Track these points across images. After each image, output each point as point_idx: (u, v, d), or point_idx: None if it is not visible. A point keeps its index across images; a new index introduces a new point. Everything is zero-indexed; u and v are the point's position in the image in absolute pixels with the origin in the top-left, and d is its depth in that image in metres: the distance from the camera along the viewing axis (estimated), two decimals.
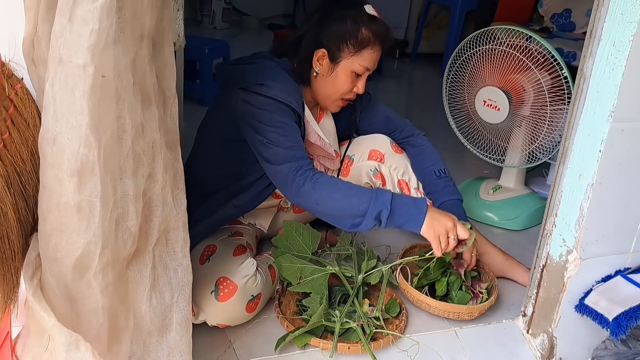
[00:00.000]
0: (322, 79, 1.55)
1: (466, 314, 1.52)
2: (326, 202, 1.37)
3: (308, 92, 1.60)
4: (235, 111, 1.45)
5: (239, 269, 1.41)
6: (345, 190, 1.37)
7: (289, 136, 1.43)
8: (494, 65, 1.95)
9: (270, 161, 1.41)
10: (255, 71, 1.50)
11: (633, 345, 1.37)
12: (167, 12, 0.99)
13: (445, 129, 2.37)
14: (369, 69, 1.53)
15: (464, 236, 1.40)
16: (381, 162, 1.72)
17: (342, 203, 1.36)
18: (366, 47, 1.50)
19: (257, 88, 1.44)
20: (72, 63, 0.80)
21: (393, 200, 1.36)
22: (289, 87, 1.49)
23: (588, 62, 1.26)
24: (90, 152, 0.84)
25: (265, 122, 1.42)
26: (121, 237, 0.94)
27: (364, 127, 1.78)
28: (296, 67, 1.56)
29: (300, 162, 1.40)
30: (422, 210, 1.38)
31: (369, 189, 1.39)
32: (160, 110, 1.01)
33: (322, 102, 1.62)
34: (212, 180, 1.55)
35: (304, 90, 1.59)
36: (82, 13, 0.79)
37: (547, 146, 1.98)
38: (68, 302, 0.91)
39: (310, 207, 1.43)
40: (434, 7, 4.74)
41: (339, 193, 1.36)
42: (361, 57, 1.51)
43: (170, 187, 1.05)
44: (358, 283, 1.54)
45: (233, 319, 1.41)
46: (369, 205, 1.35)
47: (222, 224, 1.59)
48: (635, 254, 1.41)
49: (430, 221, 1.37)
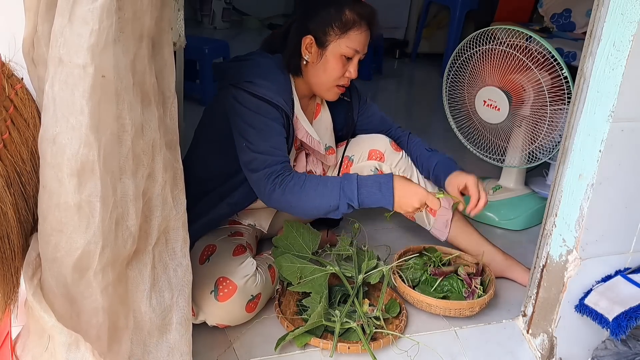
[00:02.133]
0: (313, 67, 1.54)
1: (467, 309, 1.52)
2: (298, 204, 1.42)
3: (303, 84, 1.60)
4: (226, 107, 1.47)
5: (239, 269, 1.41)
6: (314, 191, 1.40)
7: (268, 140, 1.44)
8: (494, 65, 1.95)
9: (247, 166, 1.44)
10: (246, 68, 1.51)
11: (633, 345, 1.37)
12: (167, 12, 0.99)
13: (445, 129, 2.37)
14: (358, 51, 1.52)
15: (434, 207, 1.42)
16: (381, 161, 1.73)
17: (314, 203, 1.42)
18: (352, 28, 1.49)
19: (245, 85, 1.45)
20: (72, 63, 0.80)
21: (359, 193, 1.40)
22: (278, 85, 1.49)
23: (588, 62, 1.26)
24: (90, 152, 0.84)
25: (248, 123, 1.43)
26: (121, 237, 0.94)
27: (361, 126, 1.79)
28: (287, 59, 1.56)
29: (273, 168, 1.42)
30: (387, 195, 1.41)
31: (337, 184, 1.41)
32: (160, 110, 1.01)
33: (317, 92, 1.60)
34: (206, 179, 1.56)
35: (298, 81, 1.59)
36: (81, 13, 0.79)
37: (547, 146, 1.98)
38: (68, 302, 0.91)
39: (285, 210, 1.50)
40: (434, 7, 4.74)
41: (309, 195, 1.40)
42: (348, 39, 1.50)
43: (170, 187, 1.05)
44: (358, 283, 1.54)
45: (233, 319, 1.41)
46: (338, 202, 1.41)
47: (217, 224, 1.59)
48: (635, 254, 1.41)
49: (398, 200, 1.41)
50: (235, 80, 1.47)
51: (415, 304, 1.56)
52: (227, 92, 1.47)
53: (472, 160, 2.48)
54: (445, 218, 1.75)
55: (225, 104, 1.47)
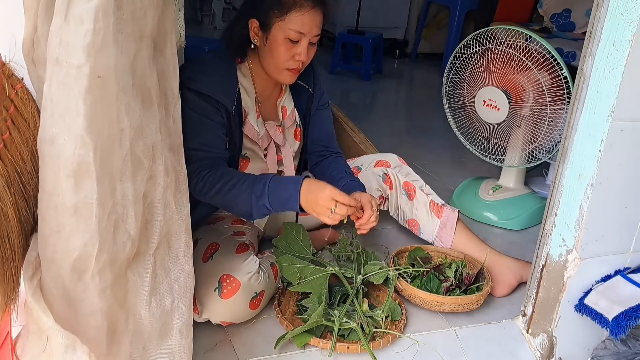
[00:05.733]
0: (262, 50, 1.53)
1: (474, 303, 1.54)
2: (221, 203, 1.46)
3: (259, 67, 1.58)
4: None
5: (242, 266, 1.41)
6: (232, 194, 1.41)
7: (199, 136, 1.44)
8: (494, 65, 1.95)
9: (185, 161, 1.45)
10: (191, 65, 1.51)
11: (633, 344, 1.37)
12: (169, 13, 0.98)
13: (445, 129, 2.37)
14: (303, 33, 1.47)
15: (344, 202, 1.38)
16: (388, 167, 1.79)
17: (232, 204, 1.44)
18: (292, 9, 1.45)
19: (186, 82, 1.45)
20: (68, 63, 0.80)
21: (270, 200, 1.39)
22: (219, 80, 1.48)
23: (588, 62, 1.26)
24: (86, 153, 0.83)
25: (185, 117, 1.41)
26: (120, 240, 0.93)
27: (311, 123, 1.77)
28: (235, 45, 1.54)
29: (200, 164, 1.43)
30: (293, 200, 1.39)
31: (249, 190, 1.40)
32: (162, 112, 1.00)
33: (270, 74, 1.57)
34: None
35: (255, 65, 1.58)
36: (77, 13, 0.79)
37: (546, 146, 1.98)
38: (66, 303, 0.91)
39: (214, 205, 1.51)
40: (434, 7, 4.74)
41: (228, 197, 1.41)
42: (290, 21, 1.45)
43: (172, 191, 1.04)
44: (358, 283, 1.54)
45: (236, 316, 1.41)
46: (252, 208, 1.41)
47: (203, 221, 1.60)
48: (634, 253, 1.41)
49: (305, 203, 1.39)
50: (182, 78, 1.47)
51: (420, 304, 1.56)
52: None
53: (472, 160, 2.49)
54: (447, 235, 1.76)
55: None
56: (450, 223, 1.74)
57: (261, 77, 1.61)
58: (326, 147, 1.78)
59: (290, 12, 1.45)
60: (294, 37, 1.47)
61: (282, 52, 1.49)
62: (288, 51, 1.49)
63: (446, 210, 1.75)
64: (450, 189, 2.32)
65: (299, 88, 1.70)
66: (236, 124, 1.54)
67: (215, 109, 1.47)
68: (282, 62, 1.51)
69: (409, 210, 1.79)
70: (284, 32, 1.47)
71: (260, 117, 1.63)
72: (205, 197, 1.44)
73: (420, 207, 1.77)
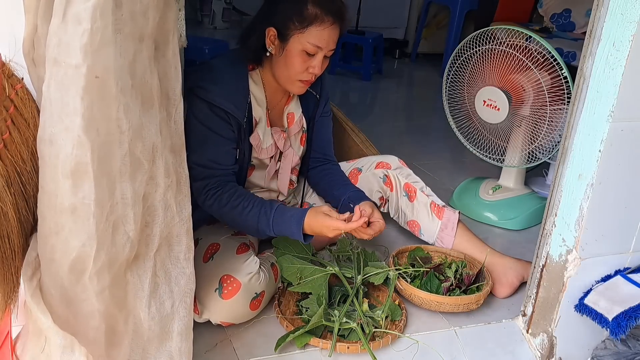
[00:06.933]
0: (276, 59, 1.52)
1: (474, 303, 1.54)
2: (229, 224, 1.53)
3: (270, 75, 1.58)
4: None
5: (243, 267, 1.41)
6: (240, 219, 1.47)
7: (208, 152, 1.46)
8: (494, 65, 1.95)
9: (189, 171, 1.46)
10: (201, 72, 1.50)
11: (633, 344, 1.37)
12: (171, 13, 0.97)
13: (445, 129, 2.37)
14: (320, 47, 1.47)
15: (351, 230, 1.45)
16: (388, 169, 1.79)
17: (240, 227, 1.52)
18: (313, 23, 1.44)
19: (197, 91, 1.45)
20: (66, 63, 0.80)
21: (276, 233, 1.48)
22: (230, 89, 1.49)
23: (588, 62, 1.26)
24: (84, 154, 0.83)
25: (193, 131, 1.43)
26: (119, 241, 0.93)
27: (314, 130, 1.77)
28: (251, 51, 1.54)
29: (209, 181, 1.47)
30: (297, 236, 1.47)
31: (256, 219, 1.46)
32: (163, 113, 0.99)
33: (281, 84, 1.57)
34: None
35: (266, 73, 1.58)
36: (75, 13, 0.79)
37: (546, 146, 1.98)
38: (65, 304, 0.91)
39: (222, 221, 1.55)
40: (434, 7, 4.74)
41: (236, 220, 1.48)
42: (309, 35, 1.44)
43: (173, 193, 1.03)
44: (358, 283, 1.54)
45: (237, 316, 1.41)
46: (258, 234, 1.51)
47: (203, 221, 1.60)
48: (634, 253, 1.41)
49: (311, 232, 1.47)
50: (191, 85, 1.46)
51: (421, 305, 1.56)
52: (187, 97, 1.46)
53: (472, 160, 2.49)
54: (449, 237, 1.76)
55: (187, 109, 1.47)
56: (451, 224, 1.74)
57: (271, 85, 1.60)
58: (323, 155, 1.79)
59: (310, 26, 1.44)
60: (311, 50, 1.47)
61: (297, 64, 1.48)
62: (303, 63, 1.49)
63: (447, 212, 1.75)
64: (450, 189, 2.32)
65: (307, 94, 1.69)
66: (246, 135, 1.54)
67: (226, 123, 1.47)
68: (296, 74, 1.51)
69: (409, 212, 1.79)
70: (301, 45, 1.46)
71: (269, 126, 1.63)
72: (214, 214, 1.50)
73: (421, 208, 1.77)
